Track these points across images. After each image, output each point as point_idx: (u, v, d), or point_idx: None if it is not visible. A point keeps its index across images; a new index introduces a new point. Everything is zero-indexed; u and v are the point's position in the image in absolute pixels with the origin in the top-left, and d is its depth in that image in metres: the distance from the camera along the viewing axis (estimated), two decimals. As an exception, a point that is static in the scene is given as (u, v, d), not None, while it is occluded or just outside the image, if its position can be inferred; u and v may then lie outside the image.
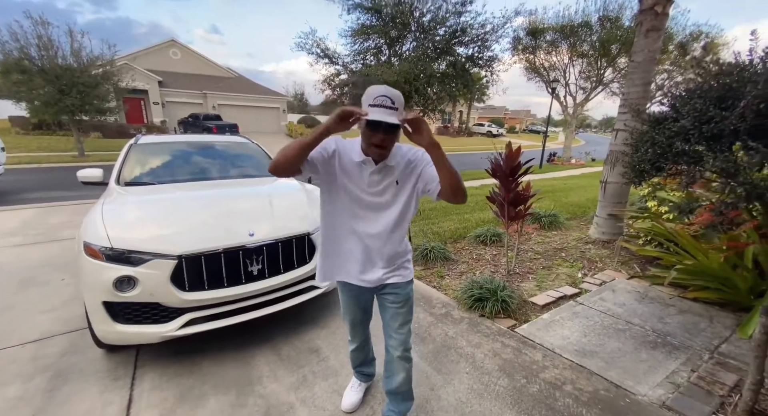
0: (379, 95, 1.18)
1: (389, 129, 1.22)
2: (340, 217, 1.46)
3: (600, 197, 4.37)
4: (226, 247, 2.13)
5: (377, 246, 1.46)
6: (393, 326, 1.58)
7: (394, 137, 1.28)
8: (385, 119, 1.15)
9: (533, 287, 3.32)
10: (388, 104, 1.18)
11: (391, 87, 1.23)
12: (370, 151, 1.31)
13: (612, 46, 14.53)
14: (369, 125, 1.22)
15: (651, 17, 3.58)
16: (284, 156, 1.23)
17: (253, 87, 28.31)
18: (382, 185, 1.39)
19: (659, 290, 3.13)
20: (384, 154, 1.32)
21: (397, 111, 1.20)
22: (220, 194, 2.87)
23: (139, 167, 3.20)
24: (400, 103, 1.22)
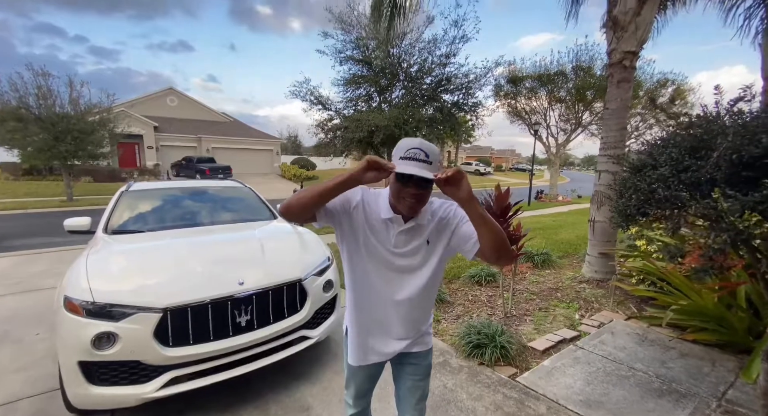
0: (412, 148, 1.06)
1: (422, 184, 1.08)
2: (362, 280, 1.26)
3: (589, 236, 4.44)
4: (213, 297, 2.06)
5: (402, 314, 1.27)
6: (411, 401, 1.40)
7: (426, 193, 1.13)
8: (418, 172, 1.01)
9: (531, 330, 3.24)
10: (422, 157, 1.04)
11: (424, 140, 1.11)
12: (400, 207, 1.15)
13: (587, 92, 15.61)
14: (400, 179, 1.08)
15: (620, 70, 3.91)
16: (298, 200, 1.09)
17: (247, 130, 29.17)
18: (410, 246, 1.22)
19: (658, 332, 3.08)
20: (416, 211, 1.17)
21: (431, 165, 1.05)
22: (209, 240, 2.83)
23: (128, 215, 3.16)
24: (436, 157, 1.07)
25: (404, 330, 1.29)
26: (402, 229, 1.19)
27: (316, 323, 2.55)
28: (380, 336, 1.31)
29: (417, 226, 1.21)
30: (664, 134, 1.84)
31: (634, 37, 3.83)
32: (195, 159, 22.63)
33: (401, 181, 1.08)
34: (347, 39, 10.20)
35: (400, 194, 1.11)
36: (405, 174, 1.03)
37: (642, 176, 1.64)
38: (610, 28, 3.99)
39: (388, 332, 1.30)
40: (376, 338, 1.31)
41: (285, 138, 47.18)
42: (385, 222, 1.20)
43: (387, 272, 1.23)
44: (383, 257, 1.22)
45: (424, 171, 1.02)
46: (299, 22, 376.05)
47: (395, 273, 1.23)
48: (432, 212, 1.23)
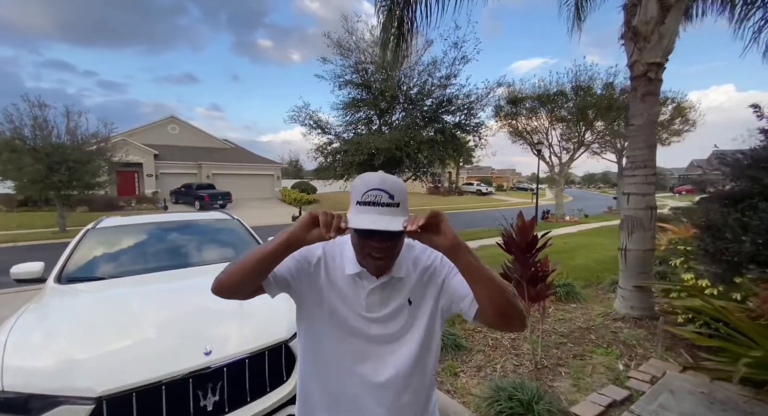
0: (371, 190, 0.80)
1: (389, 234, 0.81)
2: (330, 357, 0.96)
3: (621, 267, 3.93)
4: (169, 376, 1.57)
5: (388, 403, 0.94)
6: None
7: (396, 245, 0.88)
8: (378, 226, 0.76)
9: (570, 387, 2.68)
10: (384, 200, 0.80)
11: (387, 174, 0.86)
12: (366, 265, 0.91)
13: (588, 111, 15.49)
14: (358, 232, 0.85)
15: (645, 83, 3.56)
16: (229, 276, 0.84)
17: (248, 156, 29.23)
18: (388, 308, 0.94)
19: (725, 389, 2.52)
20: (385, 266, 0.90)
21: (398, 208, 0.81)
22: (177, 290, 2.34)
23: (90, 258, 2.71)
24: (403, 195, 0.83)
25: None
26: (374, 286, 0.93)
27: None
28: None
29: (393, 281, 0.94)
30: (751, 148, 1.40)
31: (659, 47, 3.50)
32: (194, 186, 22.45)
33: (361, 234, 0.85)
34: (346, 63, 10.15)
35: (363, 250, 0.87)
36: (361, 230, 0.82)
37: (750, 208, 1.18)
38: (630, 40, 3.68)
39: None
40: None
41: (286, 163, 47.46)
42: (352, 279, 0.94)
43: (361, 345, 0.94)
44: (354, 326, 0.94)
45: (390, 219, 0.78)
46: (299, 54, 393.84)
47: (372, 346, 0.94)
48: (413, 260, 0.97)
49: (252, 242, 3.36)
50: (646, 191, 3.73)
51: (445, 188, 36.90)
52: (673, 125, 20.20)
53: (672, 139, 21.05)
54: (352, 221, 0.77)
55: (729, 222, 1.21)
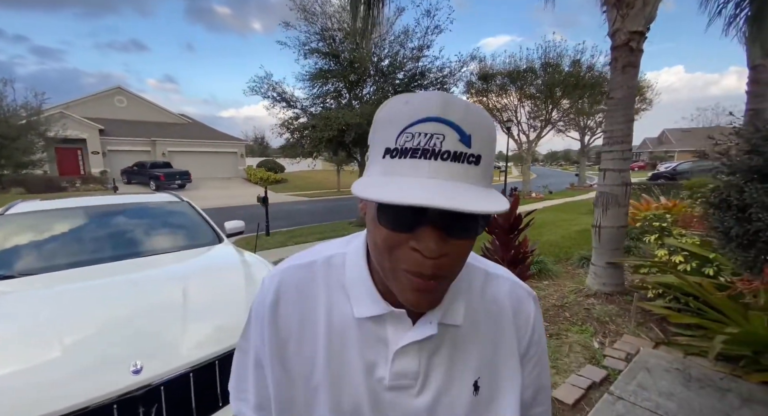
0: (424, 120, 0.37)
1: (457, 223, 0.38)
2: None
3: (594, 243, 3.92)
4: (84, 405, 1.23)
5: None
6: None
7: (467, 246, 0.42)
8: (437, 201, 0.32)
9: (550, 369, 2.61)
10: (449, 145, 0.37)
11: (453, 96, 0.40)
12: (396, 284, 0.42)
13: (556, 89, 15.65)
14: (387, 217, 0.39)
15: (626, 53, 3.40)
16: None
17: (208, 132, 27.31)
18: (431, 392, 0.49)
19: (700, 365, 2.55)
20: (437, 292, 0.43)
21: (478, 165, 0.38)
22: (106, 287, 1.93)
23: (4, 250, 2.20)
24: (484, 135, 0.39)
25: None
26: (410, 342, 0.47)
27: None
28: None
29: (445, 332, 0.49)
30: None
31: (642, 15, 3.32)
32: (148, 164, 20.73)
33: (393, 224, 0.39)
34: (311, 30, 9.34)
35: (396, 256, 0.40)
36: (404, 208, 0.35)
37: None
38: (612, 6, 3.47)
39: None
40: None
41: (251, 140, 44.99)
42: (360, 327, 0.49)
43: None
44: (374, 399, 0.48)
45: (464, 186, 0.36)
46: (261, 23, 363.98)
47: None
48: (474, 297, 0.52)
49: (204, 228, 2.95)
50: (622, 167, 3.67)
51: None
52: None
53: (631, 117, 21.99)
54: (379, 192, 0.36)
55: (756, 197, 1.04)
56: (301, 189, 22.69)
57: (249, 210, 12.94)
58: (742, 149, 1.25)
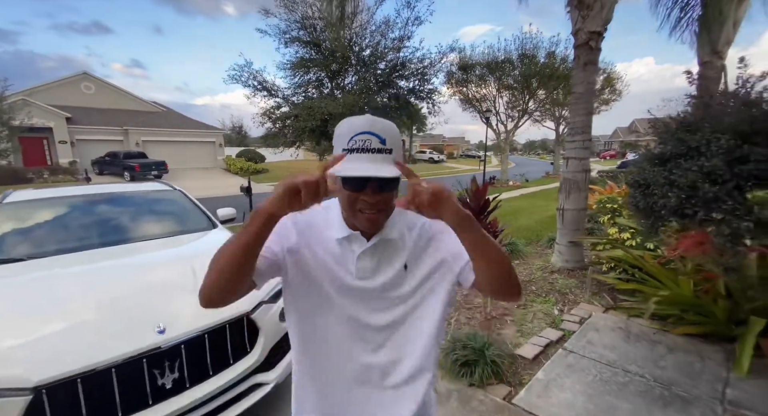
0: (360, 133, 0.70)
1: (383, 185, 0.73)
2: (320, 336, 0.87)
3: (558, 225, 4.34)
4: (119, 359, 1.46)
5: (388, 384, 0.87)
6: None
7: (391, 196, 0.77)
8: (371, 173, 0.68)
9: (515, 333, 2.99)
10: (374, 145, 0.70)
11: (375, 117, 0.74)
12: (357, 222, 0.79)
13: (532, 79, 16.13)
14: (348, 184, 0.74)
15: (587, 51, 3.74)
16: (216, 275, 0.70)
17: (184, 121, 26.43)
18: (381, 276, 0.83)
19: (640, 325, 2.99)
20: (378, 221, 0.79)
21: (390, 154, 0.72)
22: (119, 267, 2.13)
23: (7, 236, 2.33)
24: (395, 139, 0.73)
25: (392, 396, 0.87)
26: (365, 249, 0.82)
27: (272, 362, 2.02)
28: (361, 405, 0.88)
29: (385, 243, 0.83)
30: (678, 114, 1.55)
31: (600, 17, 3.66)
32: (121, 154, 19.96)
33: (351, 186, 0.74)
34: (291, 18, 9.29)
35: (354, 205, 0.75)
36: (355, 178, 0.71)
37: (672, 167, 1.33)
38: (575, 7, 3.79)
39: (371, 399, 0.88)
40: (355, 408, 0.89)
41: (228, 129, 43.77)
42: (339, 244, 0.83)
43: (354, 317, 0.84)
44: (343, 289, 0.83)
45: (383, 166, 0.70)
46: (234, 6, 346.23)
47: (366, 312, 0.85)
48: (407, 224, 0.86)
49: (198, 214, 3.13)
50: (582, 156, 4.06)
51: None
52: (603, 95, 21.85)
53: (601, 108, 22.86)
54: (340, 170, 0.67)
55: (659, 180, 1.36)
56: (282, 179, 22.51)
57: (232, 200, 12.83)
58: (655, 140, 1.59)
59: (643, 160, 1.54)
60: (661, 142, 1.51)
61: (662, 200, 1.33)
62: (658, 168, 1.41)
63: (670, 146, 1.43)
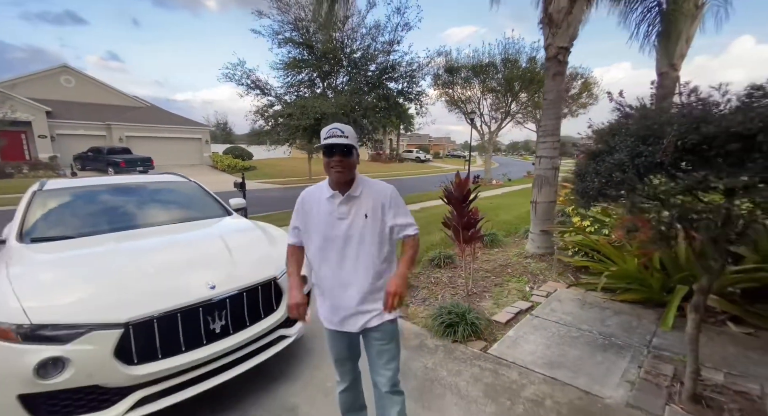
0: (331, 128, 1.43)
1: (342, 152, 1.42)
2: (321, 254, 1.53)
3: (532, 216, 4.90)
4: (183, 306, 1.87)
5: (356, 282, 1.50)
6: (379, 363, 1.57)
7: (349, 161, 1.44)
8: (336, 141, 1.39)
9: (492, 305, 3.51)
10: (338, 133, 1.41)
11: (338, 123, 1.48)
12: (332, 177, 1.47)
13: (515, 83, 16.88)
14: (325, 153, 1.43)
15: (556, 64, 4.30)
16: None
17: (168, 117, 26.12)
18: (351, 217, 1.48)
19: (594, 296, 3.57)
20: (344, 176, 1.45)
21: (347, 138, 1.43)
22: (165, 242, 2.53)
23: (49, 219, 2.67)
24: (350, 132, 1.46)
25: (360, 295, 1.49)
26: (341, 199, 1.48)
27: (293, 320, 2.46)
28: (343, 297, 1.52)
29: (352, 197, 1.49)
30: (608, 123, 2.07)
31: (567, 34, 4.22)
32: (105, 150, 19.66)
33: (327, 155, 1.43)
34: (285, 20, 9.59)
35: (329, 165, 1.44)
36: (328, 146, 1.40)
37: (600, 161, 1.85)
38: (546, 25, 4.34)
39: (349, 293, 1.50)
40: (339, 299, 1.52)
41: (213, 125, 43.22)
42: (329, 200, 1.50)
43: (337, 240, 1.49)
44: (332, 224, 1.49)
45: (341, 139, 1.40)
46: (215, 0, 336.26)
47: (343, 241, 1.48)
48: (369, 194, 1.50)
49: (214, 203, 3.50)
50: (552, 155, 4.63)
51: (387, 155, 37.53)
52: (580, 99, 22.92)
53: (579, 111, 23.95)
54: (320, 145, 1.42)
55: (589, 170, 1.87)
56: (271, 177, 22.59)
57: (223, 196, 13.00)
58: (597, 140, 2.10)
59: (584, 156, 2.05)
60: (596, 143, 2.03)
61: (591, 184, 1.84)
62: (590, 162, 1.92)
63: (600, 146, 1.95)
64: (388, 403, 1.61)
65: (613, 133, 1.90)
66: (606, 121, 2.08)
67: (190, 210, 3.24)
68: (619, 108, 1.95)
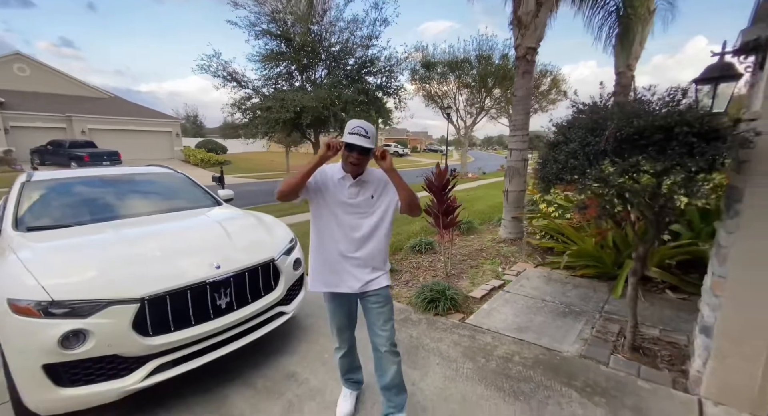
0: (356, 126, 1.60)
1: (362, 151, 1.61)
2: (327, 227, 1.73)
3: (504, 204, 5.30)
4: (191, 283, 2.04)
5: (360, 249, 1.73)
6: (378, 323, 1.79)
7: (366, 158, 1.66)
8: (359, 143, 1.57)
9: (468, 284, 3.86)
10: (362, 133, 1.59)
11: (363, 121, 1.65)
12: (348, 167, 1.68)
13: (489, 79, 17.44)
14: (347, 147, 1.61)
15: (525, 63, 4.66)
16: (288, 185, 1.62)
17: (136, 109, 24.95)
18: (359, 197, 1.72)
19: (558, 273, 3.99)
20: (358, 170, 1.68)
21: (369, 139, 1.60)
22: (164, 229, 2.65)
23: (42, 209, 2.73)
24: (372, 134, 1.63)
25: (361, 262, 1.73)
26: (352, 182, 1.71)
27: (289, 299, 2.67)
28: (344, 265, 1.74)
29: (362, 182, 1.72)
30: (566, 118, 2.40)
31: (534, 36, 4.59)
32: (66, 143, 18.55)
33: (348, 149, 1.62)
34: (261, 11, 9.49)
35: (348, 158, 1.64)
36: (350, 144, 1.58)
37: (558, 150, 2.18)
38: (516, 26, 4.68)
39: (349, 263, 1.73)
40: (341, 267, 1.74)
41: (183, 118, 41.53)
42: (340, 180, 1.72)
43: (345, 216, 1.71)
44: (341, 203, 1.71)
45: (364, 142, 1.58)
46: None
47: (351, 216, 1.72)
48: (377, 177, 1.75)
49: (202, 192, 3.61)
50: (522, 147, 5.02)
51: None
52: (550, 95, 23.93)
53: (549, 107, 25.01)
54: (347, 139, 1.58)
55: (549, 158, 2.19)
56: (247, 171, 22.22)
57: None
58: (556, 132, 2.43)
59: (545, 147, 2.38)
60: (556, 135, 2.36)
61: (550, 170, 2.16)
62: (550, 151, 2.24)
63: (559, 138, 2.28)
64: (386, 363, 1.80)
65: (569, 126, 2.23)
66: (565, 116, 2.42)
67: (181, 200, 3.34)
68: (575, 105, 2.28)
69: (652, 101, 1.94)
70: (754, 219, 1.73)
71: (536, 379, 2.22)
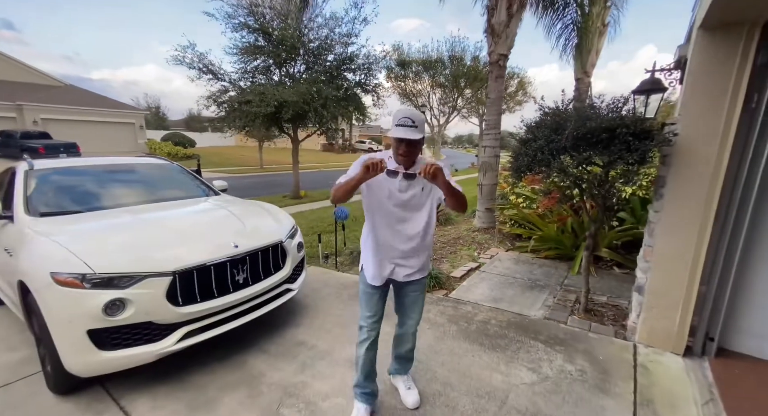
0: (403, 117, 1.54)
1: (411, 142, 1.58)
2: (378, 219, 1.73)
3: (478, 197, 5.81)
4: (214, 260, 2.29)
5: (410, 243, 1.74)
6: (413, 308, 1.92)
7: (415, 149, 1.62)
8: (406, 136, 1.52)
9: (449, 267, 4.30)
10: (409, 123, 1.53)
11: (412, 108, 1.67)
12: (396, 158, 1.65)
13: (461, 79, 18.16)
14: (395, 140, 1.59)
15: (497, 68, 5.15)
16: (341, 193, 1.61)
17: (94, 99, 23.45)
18: (410, 191, 1.69)
19: (526, 256, 4.53)
20: (408, 161, 1.65)
21: (417, 128, 1.54)
22: (177, 214, 2.85)
23: (50, 195, 2.82)
24: (420, 121, 1.57)
25: (411, 252, 1.76)
26: (402, 176, 1.68)
27: (294, 278, 2.96)
28: (394, 256, 1.77)
29: (414, 174, 1.68)
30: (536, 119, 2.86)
31: (506, 44, 5.08)
32: (18, 134, 17.12)
33: (396, 141, 1.60)
34: (239, 3, 9.41)
35: (397, 150, 1.62)
36: (398, 138, 1.56)
37: (528, 146, 2.62)
38: (489, 34, 5.16)
39: (400, 254, 1.76)
40: (392, 253, 1.76)
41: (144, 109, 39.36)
42: (392, 172, 1.67)
43: (398, 211, 1.71)
44: (394, 193, 1.69)
45: (412, 134, 1.54)
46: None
47: (404, 212, 1.72)
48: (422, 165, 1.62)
49: (199, 183, 3.78)
50: (494, 145, 5.53)
51: (339, 145, 37.50)
52: (517, 96, 25.20)
53: (516, 108, 26.32)
54: (395, 133, 1.53)
55: (521, 152, 2.64)
56: (218, 166, 21.63)
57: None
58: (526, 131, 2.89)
59: (517, 143, 2.83)
60: (526, 133, 2.81)
61: (522, 162, 2.61)
62: (521, 146, 2.69)
63: (530, 135, 2.73)
64: (409, 339, 1.99)
65: (537, 126, 2.69)
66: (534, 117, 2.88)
67: (181, 189, 3.50)
68: (542, 109, 2.74)
69: (601, 107, 2.42)
70: (672, 200, 2.26)
71: (509, 336, 2.68)
